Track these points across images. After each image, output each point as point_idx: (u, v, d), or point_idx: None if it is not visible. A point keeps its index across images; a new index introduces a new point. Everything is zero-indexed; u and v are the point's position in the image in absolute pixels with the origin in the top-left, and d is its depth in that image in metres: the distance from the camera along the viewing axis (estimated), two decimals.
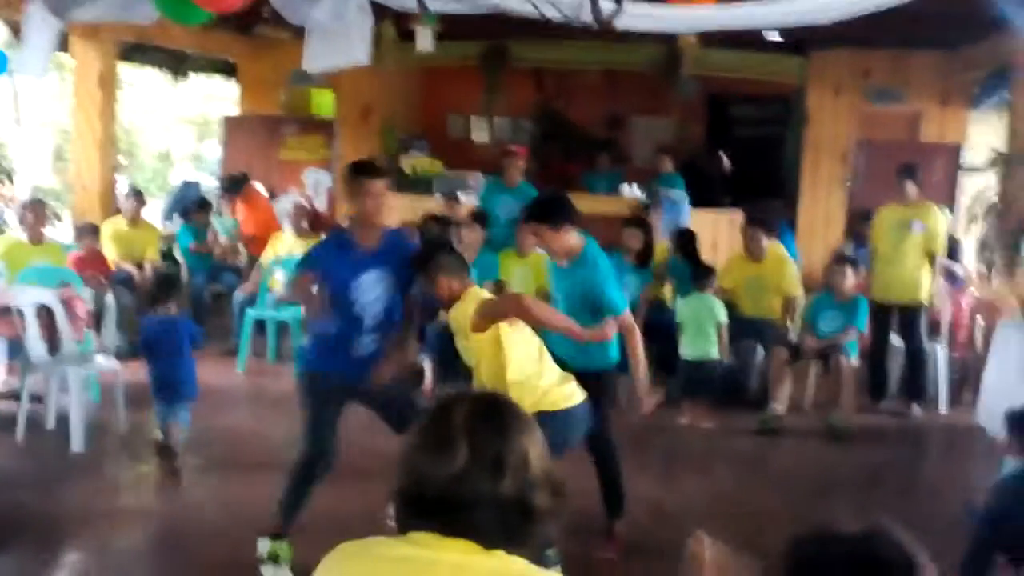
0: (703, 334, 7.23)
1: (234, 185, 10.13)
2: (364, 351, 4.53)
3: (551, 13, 5.44)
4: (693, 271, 7.65)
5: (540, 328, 4.39)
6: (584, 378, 4.43)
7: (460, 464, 1.62)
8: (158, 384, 5.84)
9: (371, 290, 4.50)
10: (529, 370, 4.24)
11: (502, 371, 4.18)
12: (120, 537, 5.00)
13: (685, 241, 8.35)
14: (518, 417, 1.72)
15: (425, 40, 6.93)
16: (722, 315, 7.26)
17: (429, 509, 1.65)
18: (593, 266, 4.65)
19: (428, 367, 7.55)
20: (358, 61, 6.47)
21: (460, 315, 4.29)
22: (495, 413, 1.71)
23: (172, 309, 6.02)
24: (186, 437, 5.89)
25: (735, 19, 5.87)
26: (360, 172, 4.58)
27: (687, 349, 7.26)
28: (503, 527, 1.64)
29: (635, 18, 5.48)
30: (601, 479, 4.89)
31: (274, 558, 4.44)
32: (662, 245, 8.57)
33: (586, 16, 5.33)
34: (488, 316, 4.19)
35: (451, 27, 8.45)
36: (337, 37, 6.55)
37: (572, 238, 4.65)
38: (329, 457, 4.50)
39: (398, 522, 1.71)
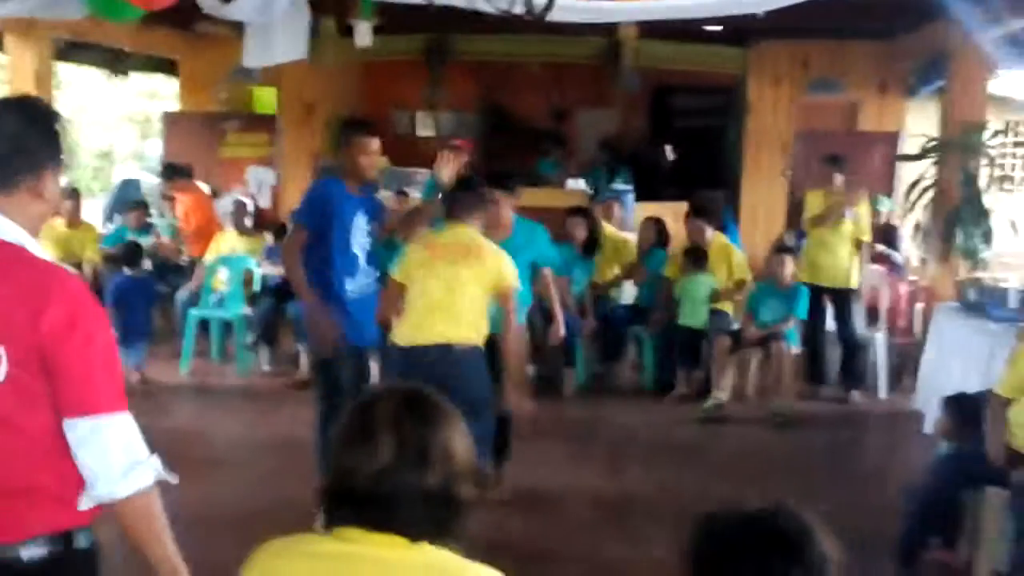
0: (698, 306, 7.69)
1: (175, 172, 9.94)
2: (359, 295, 4.80)
3: (483, 6, 5.48)
4: (693, 253, 7.81)
5: None
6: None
7: (386, 458, 1.65)
8: (125, 331, 7.36)
9: (360, 233, 4.82)
10: None
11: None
12: None
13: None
14: (442, 410, 1.75)
15: (363, 34, 6.90)
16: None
17: (356, 504, 1.66)
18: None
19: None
20: (295, 56, 6.46)
21: None
22: (420, 406, 1.73)
23: (138, 271, 7.91)
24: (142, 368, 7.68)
25: (667, 11, 5.91)
26: (357, 128, 4.91)
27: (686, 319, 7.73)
28: (429, 519, 1.66)
29: (566, 11, 5.51)
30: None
31: None
32: (617, 235, 8.66)
33: (518, 8, 5.36)
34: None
35: (392, 21, 8.41)
36: (274, 33, 6.53)
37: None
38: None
39: (326, 518, 1.72)
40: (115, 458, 2.05)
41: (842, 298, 7.73)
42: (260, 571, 1.72)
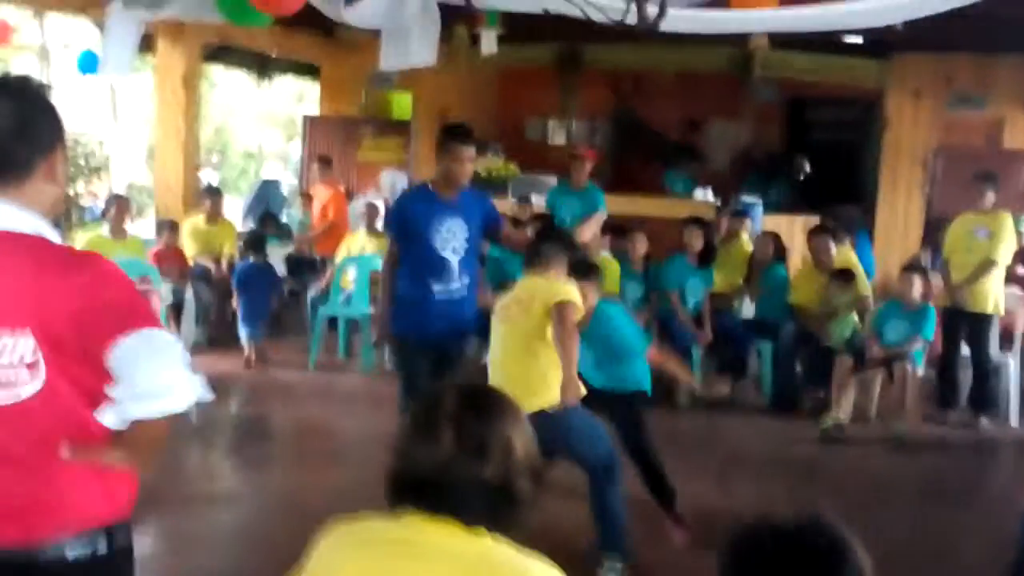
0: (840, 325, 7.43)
1: (325, 164, 10.46)
2: (447, 297, 4.87)
3: (596, 16, 5.52)
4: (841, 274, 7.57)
5: None
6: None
7: (446, 450, 1.72)
8: (247, 311, 8.30)
9: (451, 238, 4.85)
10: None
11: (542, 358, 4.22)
12: (189, 523, 5.15)
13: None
14: (505, 406, 1.82)
15: (489, 43, 7.02)
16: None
17: (418, 490, 1.74)
18: None
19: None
20: (427, 60, 6.61)
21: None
22: (482, 402, 1.81)
23: (260, 258, 8.57)
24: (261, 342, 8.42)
25: (792, 20, 5.81)
26: (453, 135, 4.92)
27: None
28: (487, 510, 1.73)
29: (679, 21, 5.50)
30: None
31: None
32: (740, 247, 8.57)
33: (631, 19, 5.38)
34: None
35: (522, 30, 8.53)
36: (409, 37, 6.70)
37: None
38: None
39: (390, 501, 1.80)
40: (175, 366, 1.93)
41: (979, 322, 7.47)
42: (328, 552, 1.81)
